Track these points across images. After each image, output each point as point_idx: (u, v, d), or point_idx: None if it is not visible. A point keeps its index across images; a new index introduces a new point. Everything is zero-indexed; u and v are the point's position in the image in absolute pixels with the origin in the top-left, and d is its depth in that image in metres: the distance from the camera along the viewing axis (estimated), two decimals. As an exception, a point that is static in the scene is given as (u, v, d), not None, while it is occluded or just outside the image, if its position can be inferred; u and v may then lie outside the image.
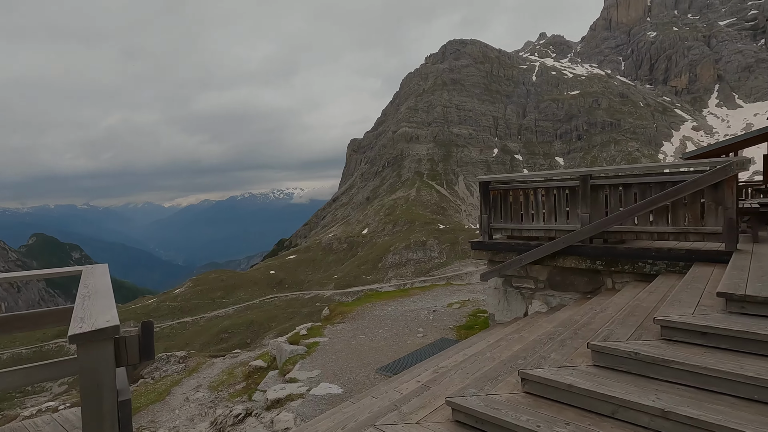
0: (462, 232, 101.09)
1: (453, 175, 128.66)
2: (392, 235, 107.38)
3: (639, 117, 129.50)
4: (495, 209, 6.77)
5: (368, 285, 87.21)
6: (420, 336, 7.30)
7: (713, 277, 4.06)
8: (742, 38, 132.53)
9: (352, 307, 9.61)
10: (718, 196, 4.79)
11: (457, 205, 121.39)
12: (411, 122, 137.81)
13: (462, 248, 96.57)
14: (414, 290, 12.09)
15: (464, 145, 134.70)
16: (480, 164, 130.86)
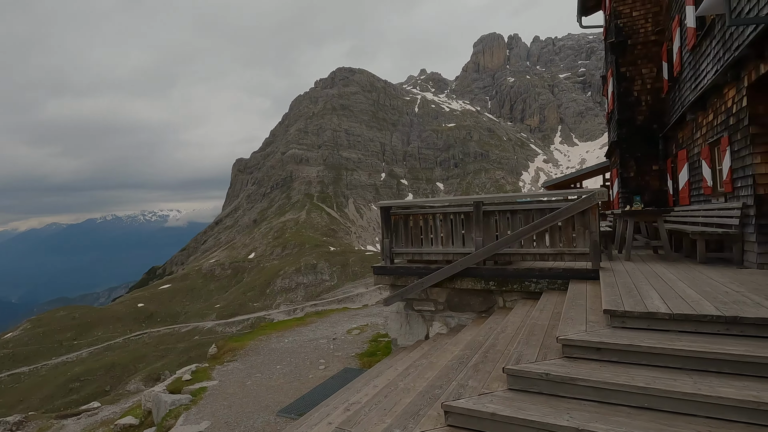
0: (352, 254, 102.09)
1: (343, 197, 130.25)
2: (281, 258, 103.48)
3: (503, 149, 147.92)
4: (396, 234, 6.87)
5: (255, 313, 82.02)
6: (322, 368, 6.93)
7: (588, 293, 4.61)
8: (576, 89, 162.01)
9: (244, 342, 8.77)
10: (585, 221, 5.54)
11: (347, 227, 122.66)
12: (301, 144, 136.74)
13: (352, 270, 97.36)
14: (311, 318, 11.60)
15: (354, 168, 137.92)
16: (369, 187, 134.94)
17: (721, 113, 5.94)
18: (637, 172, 9.92)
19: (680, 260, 6.02)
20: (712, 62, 6.16)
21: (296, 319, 11.34)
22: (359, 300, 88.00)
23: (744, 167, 5.23)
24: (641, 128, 9.88)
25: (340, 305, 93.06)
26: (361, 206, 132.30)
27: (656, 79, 9.71)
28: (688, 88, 7.45)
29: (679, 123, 8.22)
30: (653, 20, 9.74)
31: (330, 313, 12.57)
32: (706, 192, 6.75)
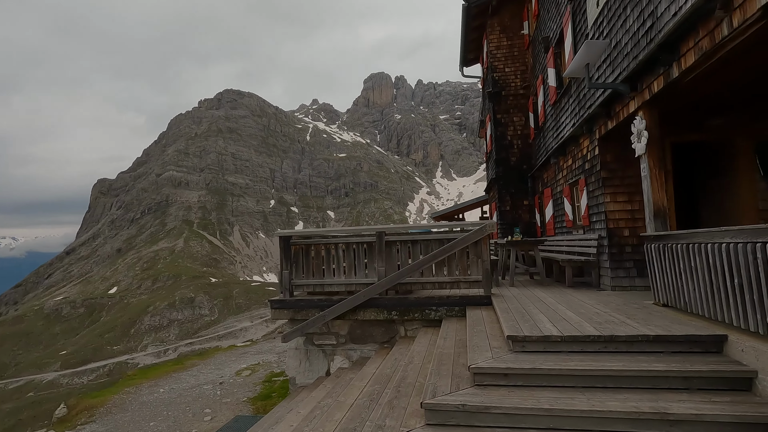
0: (237, 285, 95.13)
1: (228, 224, 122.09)
2: (151, 292, 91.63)
3: (391, 181, 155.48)
4: (297, 265, 6.56)
5: (116, 357, 70.46)
6: (208, 419, 6.11)
7: (485, 319, 4.92)
8: (453, 130, 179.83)
9: (106, 397, 7.33)
10: (478, 250, 5.98)
11: (231, 256, 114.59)
12: (180, 166, 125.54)
13: (236, 302, 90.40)
14: (191, 360, 10.29)
15: (240, 194, 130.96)
16: (257, 215, 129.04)
17: (578, 159, 7.06)
18: (512, 206, 11.22)
19: (553, 284, 6.85)
20: (569, 116, 7.34)
21: (173, 363, 9.96)
22: (243, 335, 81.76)
23: (598, 205, 6.23)
24: (514, 168, 11.27)
25: (222, 342, 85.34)
26: (248, 234, 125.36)
27: (525, 127, 11.24)
28: (551, 137, 8.76)
29: (545, 165, 9.57)
30: (521, 77, 11.36)
31: (214, 353, 11.35)
32: (568, 225, 7.88)
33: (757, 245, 2.81)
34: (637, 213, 5.86)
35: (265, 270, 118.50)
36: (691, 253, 3.63)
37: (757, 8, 2.79)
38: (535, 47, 10.07)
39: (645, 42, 4.34)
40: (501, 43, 11.43)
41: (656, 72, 4.17)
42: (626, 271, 5.85)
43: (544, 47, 8.78)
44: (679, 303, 3.99)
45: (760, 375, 2.76)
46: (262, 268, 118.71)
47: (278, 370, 8.49)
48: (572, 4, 6.78)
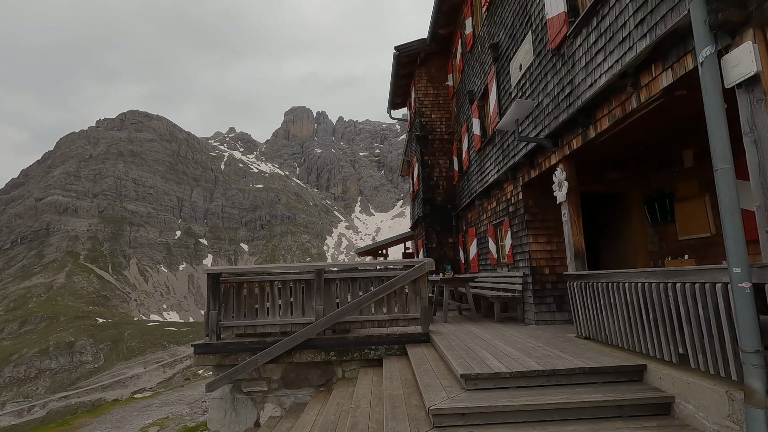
0: (130, 326, 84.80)
1: (123, 257, 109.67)
2: (17, 337, 77.88)
3: (310, 214, 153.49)
4: (226, 304, 6.08)
5: (-42, 422, 57.49)
6: (110, 490, 5.18)
7: (428, 357, 4.98)
8: (372, 167, 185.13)
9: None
10: (416, 288, 6.12)
11: (125, 293, 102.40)
12: (68, 190, 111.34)
13: (128, 346, 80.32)
14: (80, 418, 8.80)
15: (141, 224, 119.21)
16: (159, 246, 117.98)
17: (502, 202, 7.71)
18: (438, 243, 11.74)
19: (482, 320, 7.21)
20: (494, 163, 8.05)
21: (57, 425, 8.40)
22: (134, 383, 72.10)
23: (521, 245, 6.81)
24: (440, 207, 11.90)
25: (107, 393, 74.27)
26: (147, 268, 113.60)
27: (449, 169, 12.03)
28: (476, 180, 9.48)
29: (469, 206, 10.26)
30: (446, 123, 12.26)
31: (109, 408, 9.85)
32: (492, 263, 8.44)
33: (668, 285, 3.28)
34: (556, 253, 6.50)
35: (166, 308, 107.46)
36: (611, 291, 4.11)
37: (661, 88, 3.41)
38: (460, 98, 11.00)
39: (565, 105, 5.00)
40: (428, 92, 12.30)
41: (575, 132, 4.81)
42: (548, 306, 6.39)
43: (469, 99, 9.64)
44: (601, 336, 4.46)
45: (677, 399, 3.16)
46: (162, 305, 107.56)
47: (193, 423, 7.62)
48: (497, 65, 7.61)
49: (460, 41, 10.52)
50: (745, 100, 2.62)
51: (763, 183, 2.55)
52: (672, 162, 5.91)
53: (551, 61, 5.39)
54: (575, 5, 4.87)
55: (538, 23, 5.77)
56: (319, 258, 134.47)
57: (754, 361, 2.45)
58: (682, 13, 3.08)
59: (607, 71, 4.09)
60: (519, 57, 6.46)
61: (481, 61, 8.73)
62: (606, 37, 4.10)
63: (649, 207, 6.48)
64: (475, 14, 9.32)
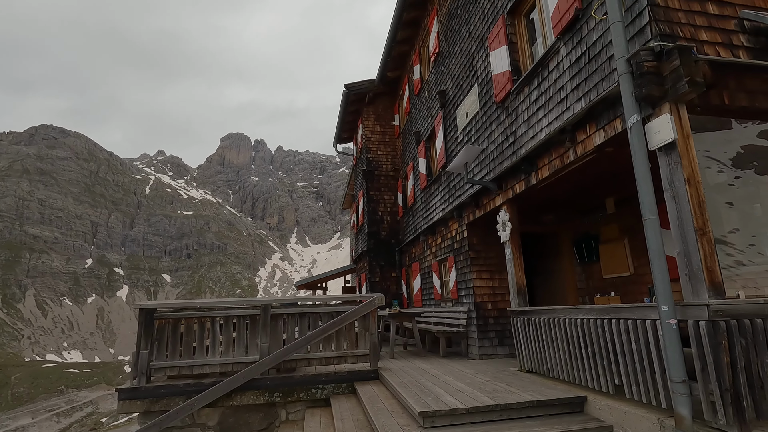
0: (19, 369, 73.91)
1: (18, 288, 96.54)
2: None
3: (242, 244, 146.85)
4: (159, 343, 5.59)
5: None
6: None
7: (379, 395, 4.92)
8: (311, 197, 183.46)
9: None
10: (366, 324, 6.09)
11: (17, 329, 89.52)
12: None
13: (16, 392, 69.71)
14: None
15: (44, 250, 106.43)
16: (65, 276, 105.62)
17: (447, 239, 8.04)
18: (381, 277, 11.82)
19: (428, 355, 7.29)
20: (439, 202, 8.43)
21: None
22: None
23: (466, 281, 7.10)
24: (384, 242, 12.08)
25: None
26: (47, 300, 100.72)
27: (394, 205, 12.34)
28: (421, 217, 9.82)
29: (413, 242, 10.54)
30: (391, 161, 12.69)
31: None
32: (436, 297, 8.67)
33: (604, 321, 3.63)
34: (498, 289, 6.86)
35: (67, 346, 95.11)
36: (552, 326, 4.43)
37: (594, 145, 3.88)
38: (406, 137, 11.51)
39: (509, 153, 5.47)
40: (375, 129, 12.72)
41: (518, 177, 5.25)
42: (490, 341, 6.65)
43: (415, 139, 10.12)
44: (543, 369, 4.73)
45: (615, 428, 3.43)
46: (63, 344, 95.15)
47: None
48: (443, 110, 8.14)
49: (408, 85, 11.13)
50: (665, 162, 3.08)
51: (681, 232, 2.97)
52: (596, 208, 6.62)
53: (496, 113, 5.91)
54: (517, 66, 5.45)
55: (484, 77, 6.33)
56: (250, 291, 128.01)
57: (682, 390, 2.76)
58: (612, 84, 3.60)
59: (547, 126, 4.58)
60: (465, 105, 6.99)
61: (428, 106, 9.28)
62: (546, 97, 4.62)
63: (578, 247, 7.13)
64: (422, 62, 9.97)
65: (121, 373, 78.19)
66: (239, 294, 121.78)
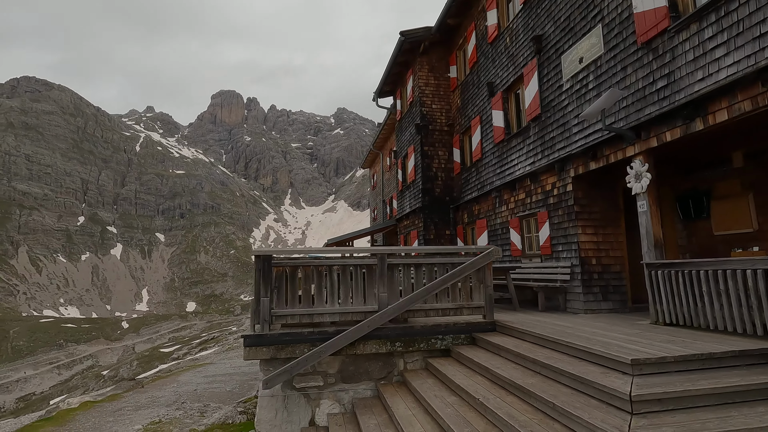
0: (17, 323, 74.25)
1: (10, 244, 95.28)
2: None
3: (236, 204, 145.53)
4: (279, 291, 5.37)
5: None
6: None
7: (514, 345, 4.81)
8: (305, 159, 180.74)
9: None
10: (480, 276, 5.93)
11: (12, 285, 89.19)
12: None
13: (14, 345, 70.39)
14: (42, 429, 7.29)
15: (34, 207, 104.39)
16: (57, 233, 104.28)
17: (537, 193, 7.80)
18: (435, 235, 11.66)
19: (524, 310, 7.22)
20: (525, 155, 8.12)
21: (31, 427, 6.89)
22: (21, 387, 62.98)
23: (566, 236, 6.93)
24: (438, 199, 11.82)
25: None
26: (40, 257, 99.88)
27: (448, 161, 11.99)
28: (492, 172, 9.52)
29: (477, 199, 10.30)
30: (446, 115, 12.20)
31: (69, 415, 8.29)
32: (515, 254, 8.54)
33: None
34: (602, 244, 6.72)
35: (63, 303, 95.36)
36: (717, 278, 4.28)
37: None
38: (468, 90, 10.99)
39: (656, 98, 5.13)
40: (429, 81, 12.13)
41: (672, 124, 4.95)
42: (594, 296, 6.57)
43: (487, 91, 9.64)
44: (696, 322, 4.62)
45: (831, 377, 3.34)
46: (59, 300, 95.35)
47: (201, 427, 6.73)
48: (539, 57, 7.67)
49: (475, 32, 10.49)
50: None
51: None
52: (713, 162, 6.38)
53: (634, 55, 5.51)
54: (675, 1, 5.01)
55: (614, 17, 5.87)
56: (245, 251, 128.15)
57: None
58: None
59: (731, 65, 4.24)
60: (579, 50, 6.54)
61: (510, 53, 8.76)
62: (731, 32, 4.25)
63: (681, 204, 6.95)
64: (500, 6, 9.33)
65: (118, 329, 79.05)
66: (233, 254, 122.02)
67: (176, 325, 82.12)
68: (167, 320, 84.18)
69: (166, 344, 69.03)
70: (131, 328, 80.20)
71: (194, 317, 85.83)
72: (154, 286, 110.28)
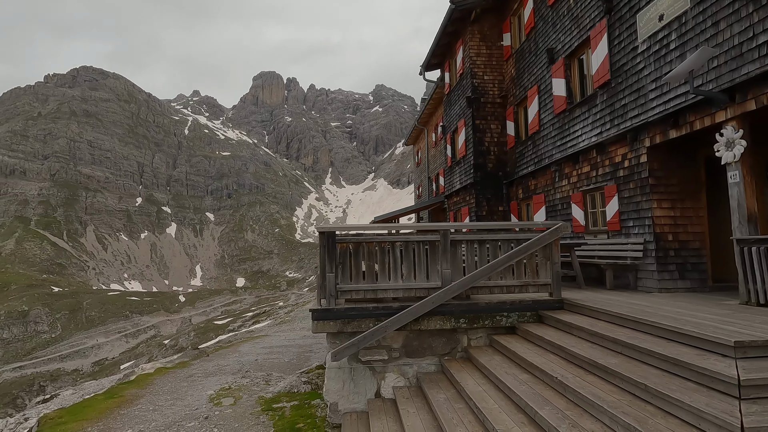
0: (88, 296, 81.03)
1: (79, 224, 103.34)
2: (-38, 307, 72.64)
3: (279, 184, 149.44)
4: (343, 267, 5.44)
5: None
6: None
7: (588, 324, 4.61)
8: (344, 138, 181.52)
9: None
10: (547, 253, 5.71)
11: (82, 261, 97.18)
12: (15, 151, 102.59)
13: (87, 315, 77.10)
14: (127, 390, 7.96)
15: (98, 189, 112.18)
16: (119, 213, 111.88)
17: (604, 166, 7.35)
18: (488, 211, 11.38)
19: (591, 288, 6.94)
20: (591, 126, 7.64)
21: (107, 398, 7.55)
22: (95, 353, 69.39)
23: (639, 210, 6.51)
24: (491, 174, 11.47)
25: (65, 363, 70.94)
26: (106, 235, 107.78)
27: (501, 135, 11.55)
28: (551, 145, 9.07)
29: (534, 174, 9.88)
30: (498, 87, 11.69)
31: (148, 379, 9.00)
32: (577, 230, 8.16)
33: None
34: (679, 219, 6.26)
35: (127, 277, 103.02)
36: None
37: None
38: (524, 58, 10.43)
39: (756, 55, 4.59)
40: (480, 51, 11.62)
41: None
42: (670, 274, 6.18)
43: (547, 58, 9.09)
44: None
45: None
46: (123, 275, 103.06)
47: (268, 394, 7.04)
48: (608, 18, 7.08)
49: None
50: None
51: None
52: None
53: (727, 9, 4.94)
54: (784, -58, 4.39)
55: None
56: (289, 230, 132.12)
57: None
58: None
59: None
60: (660, 6, 5.96)
61: (575, 15, 8.15)
62: None
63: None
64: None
65: (176, 302, 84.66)
66: (278, 233, 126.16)
67: (227, 299, 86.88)
68: (219, 294, 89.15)
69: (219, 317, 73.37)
70: (187, 302, 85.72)
71: (244, 292, 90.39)
72: (206, 262, 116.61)
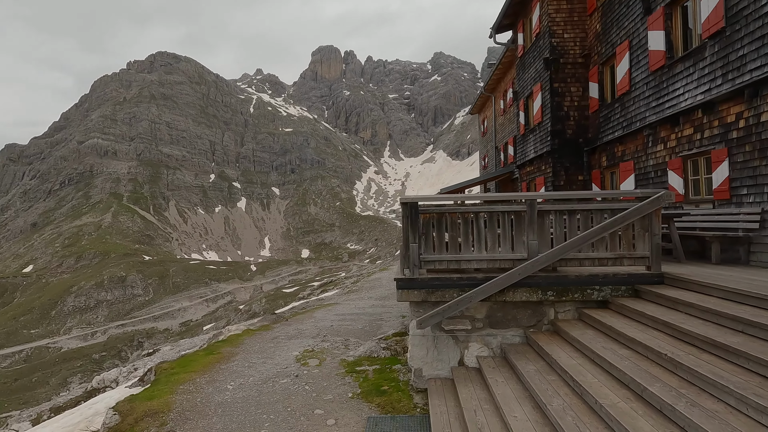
0: (173, 264, 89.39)
1: (162, 199, 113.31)
2: (75, 271, 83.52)
3: (339, 158, 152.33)
4: (426, 237, 5.46)
5: (33, 342, 63.43)
6: (332, 423, 4.93)
7: (698, 300, 4.25)
8: (402, 110, 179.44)
9: (157, 401, 5.80)
10: (645, 224, 5.30)
11: (167, 233, 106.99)
12: (107, 134, 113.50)
13: (173, 281, 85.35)
14: (223, 347, 8.79)
15: (177, 167, 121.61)
16: (195, 189, 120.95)
17: (712, 128, 6.58)
18: (566, 181, 10.76)
19: (692, 262, 6.39)
20: (697, 83, 6.82)
21: (206, 354, 8.39)
22: (181, 315, 77.19)
23: (755, 176, 5.78)
24: (570, 141, 10.77)
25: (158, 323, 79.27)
26: (185, 209, 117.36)
27: (582, 98, 10.73)
28: (644, 106, 8.26)
29: (621, 139, 9.12)
30: (580, 44, 10.78)
31: (239, 339, 9.84)
32: (675, 200, 7.46)
33: None
34: (808, 185, 5.48)
35: (205, 248, 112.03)
36: None
37: None
38: (612, 10, 9.47)
39: None
40: (561, 7, 10.70)
41: None
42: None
43: (642, 7, 8.16)
44: None
45: None
46: (202, 246, 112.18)
47: (349, 358, 7.38)
48: (725, -45, 6.15)
49: (625, -62, 8.80)
50: None
51: None
52: None
53: None
54: None
55: None
56: (349, 203, 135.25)
57: None
58: None
59: None
60: (797, -66, 5.05)
61: (679, -44, 7.19)
62: None
63: None
64: None
65: (248, 271, 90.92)
66: (339, 206, 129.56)
67: (294, 269, 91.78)
68: (286, 265, 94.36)
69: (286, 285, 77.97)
70: (258, 271, 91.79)
71: (308, 263, 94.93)
72: (274, 234, 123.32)
